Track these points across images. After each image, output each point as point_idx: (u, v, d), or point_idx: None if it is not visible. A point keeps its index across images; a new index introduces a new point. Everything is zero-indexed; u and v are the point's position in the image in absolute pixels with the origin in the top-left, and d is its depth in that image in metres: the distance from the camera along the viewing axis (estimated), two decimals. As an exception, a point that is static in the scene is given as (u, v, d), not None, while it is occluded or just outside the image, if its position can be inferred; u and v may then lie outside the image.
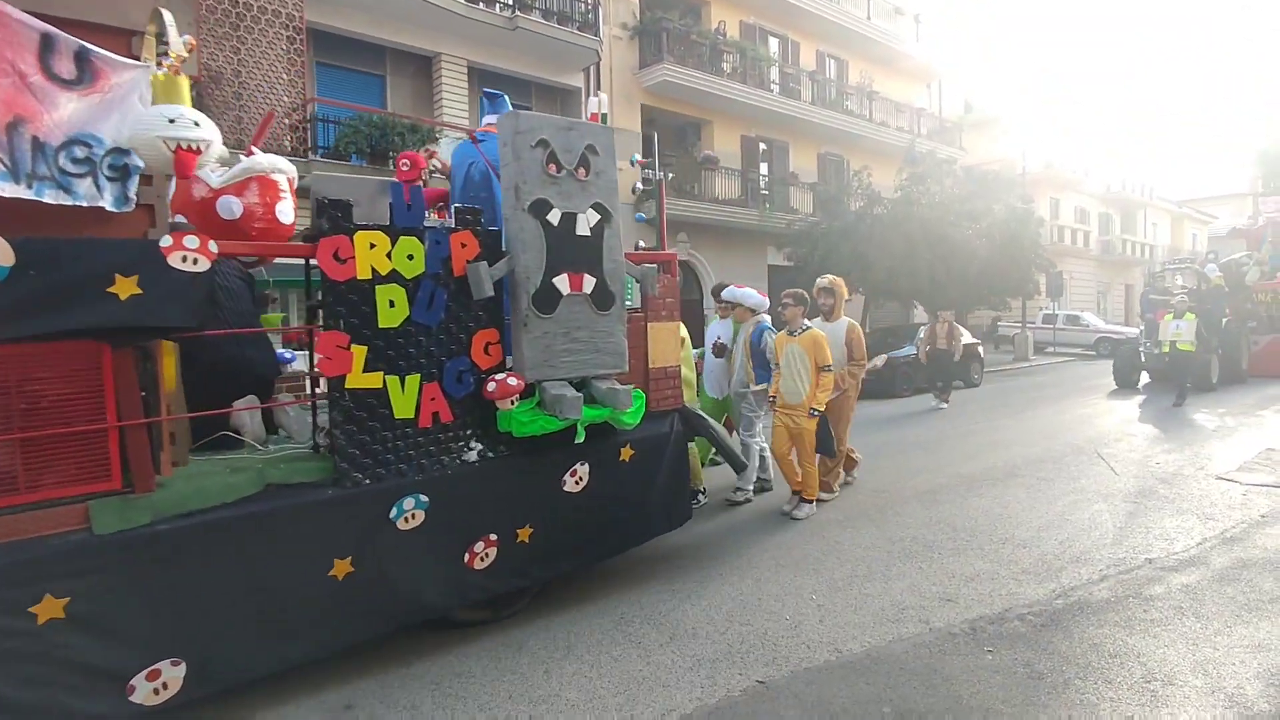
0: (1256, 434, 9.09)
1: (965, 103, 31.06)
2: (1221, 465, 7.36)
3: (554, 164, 3.74)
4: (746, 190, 19.05)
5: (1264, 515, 5.65)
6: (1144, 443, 8.72)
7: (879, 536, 5.34)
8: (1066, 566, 4.64)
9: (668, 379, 4.67)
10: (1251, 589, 4.21)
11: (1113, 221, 37.40)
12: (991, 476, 7.16)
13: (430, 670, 3.51)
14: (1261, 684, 3.16)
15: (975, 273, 17.22)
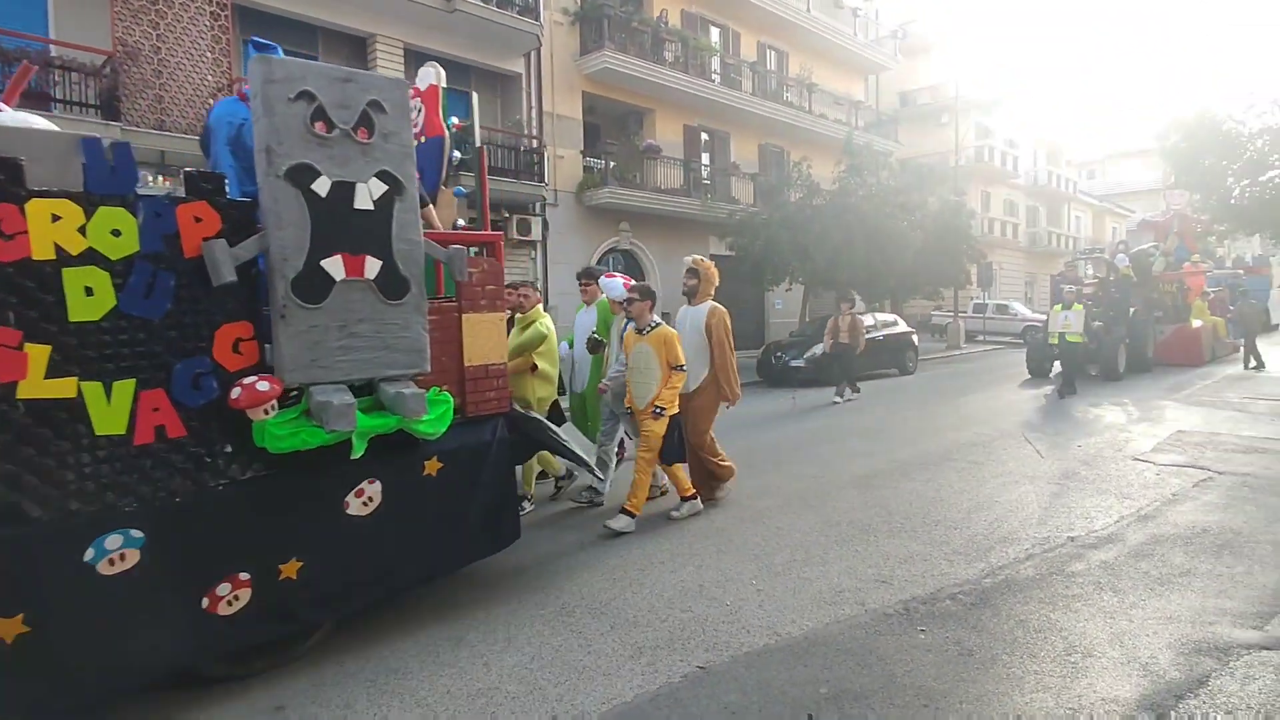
0: (1168, 418, 9.58)
1: (901, 96, 31.79)
2: (1137, 447, 7.74)
3: (322, 122, 3.11)
4: (689, 180, 19.12)
5: (1175, 494, 5.96)
6: (1067, 427, 9.10)
7: (818, 521, 5.44)
8: (995, 546, 4.81)
9: (490, 379, 4.05)
10: (1164, 563, 4.44)
11: (1039, 214, 38.90)
12: (925, 461, 7.37)
13: (365, 668, 3.42)
14: (1172, 653, 3.33)
15: (910, 263, 17.70)
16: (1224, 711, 2.86)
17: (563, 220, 16.89)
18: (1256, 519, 5.24)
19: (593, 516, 5.78)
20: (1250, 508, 5.52)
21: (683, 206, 18.55)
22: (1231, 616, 3.69)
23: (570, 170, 17.08)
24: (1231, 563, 4.42)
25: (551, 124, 16.60)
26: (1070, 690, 3.04)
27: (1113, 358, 13.76)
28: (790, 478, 6.83)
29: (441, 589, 4.31)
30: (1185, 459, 7.15)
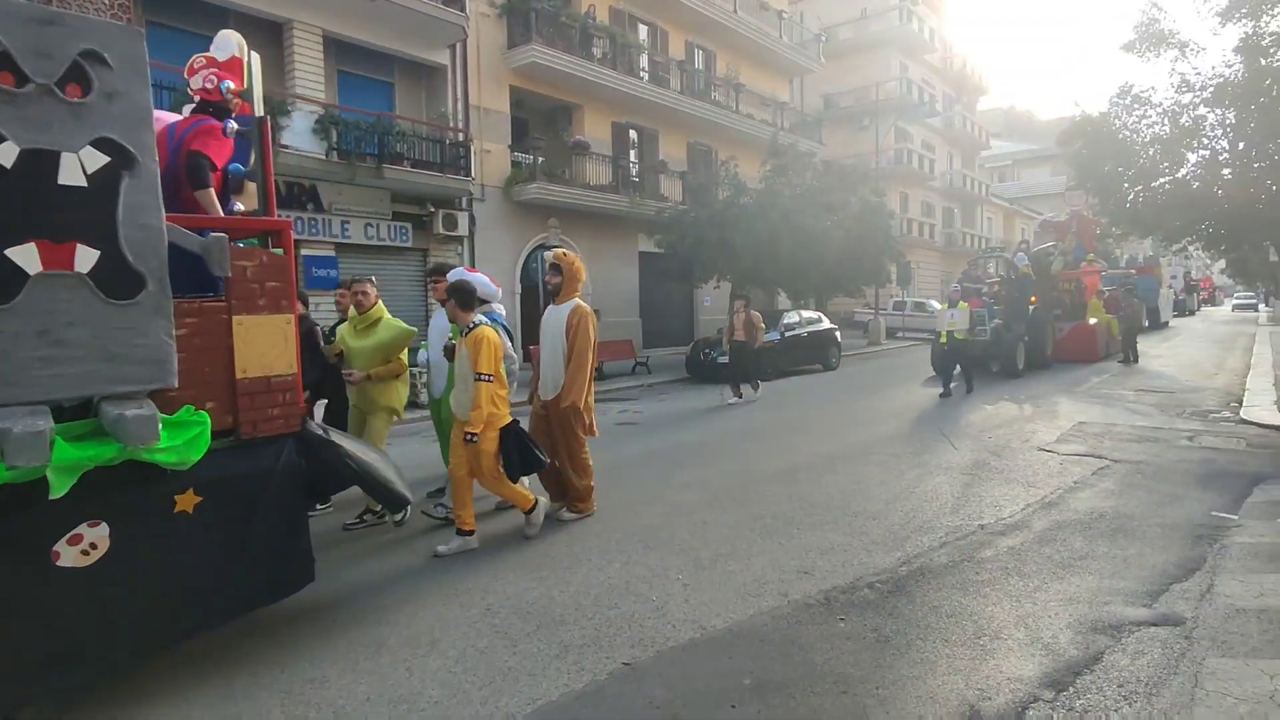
0: (1070, 410, 10.14)
1: (824, 99, 32.59)
2: (1042, 439, 8.16)
3: (8, 72, 2.53)
4: (618, 177, 19.12)
5: (1076, 482, 6.31)
6: (979, 419, 9.52)
7: (743, 515, 5.53)
8: (911, 536, 4.99)
9: (274, 393, 3.41)
10: (1065, 548, 4.69)
11: (955, 216, 40.55)
12: (846, 454, 7.58)
13: (280, 678, 3.29)
14: (1072, 633, 3.52)
15: (834, 261, 18.16)
16: (1116, 685, 3.04)
17: (490, 215, 16.64)
18: (1147, 504, 5.60)
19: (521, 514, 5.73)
20: (1142, 493, 5.90)
21: (612, 203, 18.54)
22: (1124, 596, 3.93)
23: (498, 165, 16.84)
24: (1125, 545, 4.71)
25: (478, 117, 16.33)
26: (979, 672, 3.18)
27: (1012, 355, 14.01)
28: (717, 473, 6.92)
29: (362, 593, 4.19)
30: (1085, 448, 7.58)
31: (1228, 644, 3.36)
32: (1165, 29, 13.25)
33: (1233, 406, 9.94)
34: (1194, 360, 16.50)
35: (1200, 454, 7.28)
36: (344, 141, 12.74)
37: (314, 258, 13.01)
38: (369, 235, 13.91)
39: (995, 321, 14.45)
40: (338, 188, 13.27)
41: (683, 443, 8.56)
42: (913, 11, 33.72)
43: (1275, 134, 11.81)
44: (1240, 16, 12.57)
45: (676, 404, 12.29)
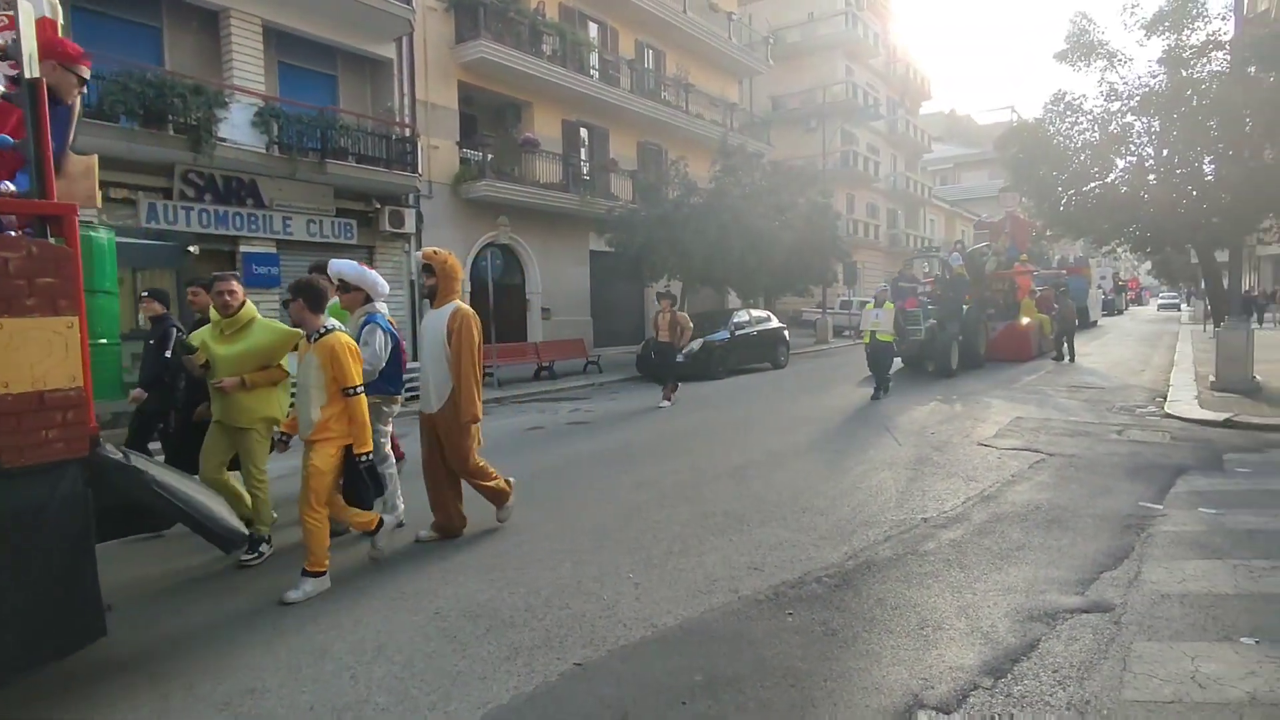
0: (1007, 406, 10.49)
1: (773, 100, 33.00)
2: (982, 434, 8.42)
3: None
4: (568, 175, 19.03)
5: (1013, 475, 6.53)
6: (922, 416, 9.77)
7: (694, 512, 5.56)
8: (857, 530, 5.09)
9: (45, 412, 2.91)
10: (1003, 539, 4.84)
11: (898, 217, 41.54)
12: (795, 451, 7.70)
13: (218, 690, 3.18)
14: (1010, 621, 3.64)
15: (782, 261, 18.42)
16: (1051, 671, 3.15)
17: (438, 213, 16.38)
18: (1080, 496, 5.83)
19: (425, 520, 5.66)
20: (1075, 486, 6.13)
21: (562, 201, 18.45)
22: (1058, 585, 4.08)
23: (446, 161, 16.60)
24: (1059, 535, 4.88)
25: (426, 113, 16.05)
26: (922, 662, 3.26)
27: (946, 354, 14.04)
28: (667, 471, 6.95)
29: (304, 600, 4.08)
30: (1022, 443, 7.85)
31: (1153, 628, 3.51)
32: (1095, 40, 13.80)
33: (1158, 402, 10.42)
34: (1122, 358, 17.23)
35: (1128, 447, 7.61)
36: (285, 135, 12.38)
37: (254, 255, 12.61)
38: (312, 232, 13.55)
39: (930, 321, 14.52)
40: (279, 183, 12.89)
41: (634, 441, 8.57)
42: (858, 16, 34.39)
43: (1195, 142, 12.41)
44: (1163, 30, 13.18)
45: (628, 403, 12.30)
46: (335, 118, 13.40)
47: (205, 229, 12.01)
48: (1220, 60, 12.72)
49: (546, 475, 6.97)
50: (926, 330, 14.32)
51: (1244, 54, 11.56)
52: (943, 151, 55.87)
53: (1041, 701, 2.92)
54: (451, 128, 16.78)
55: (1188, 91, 12.49)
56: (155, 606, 4.08)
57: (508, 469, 7.26)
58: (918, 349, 14.21)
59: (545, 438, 9.11)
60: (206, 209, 12.11)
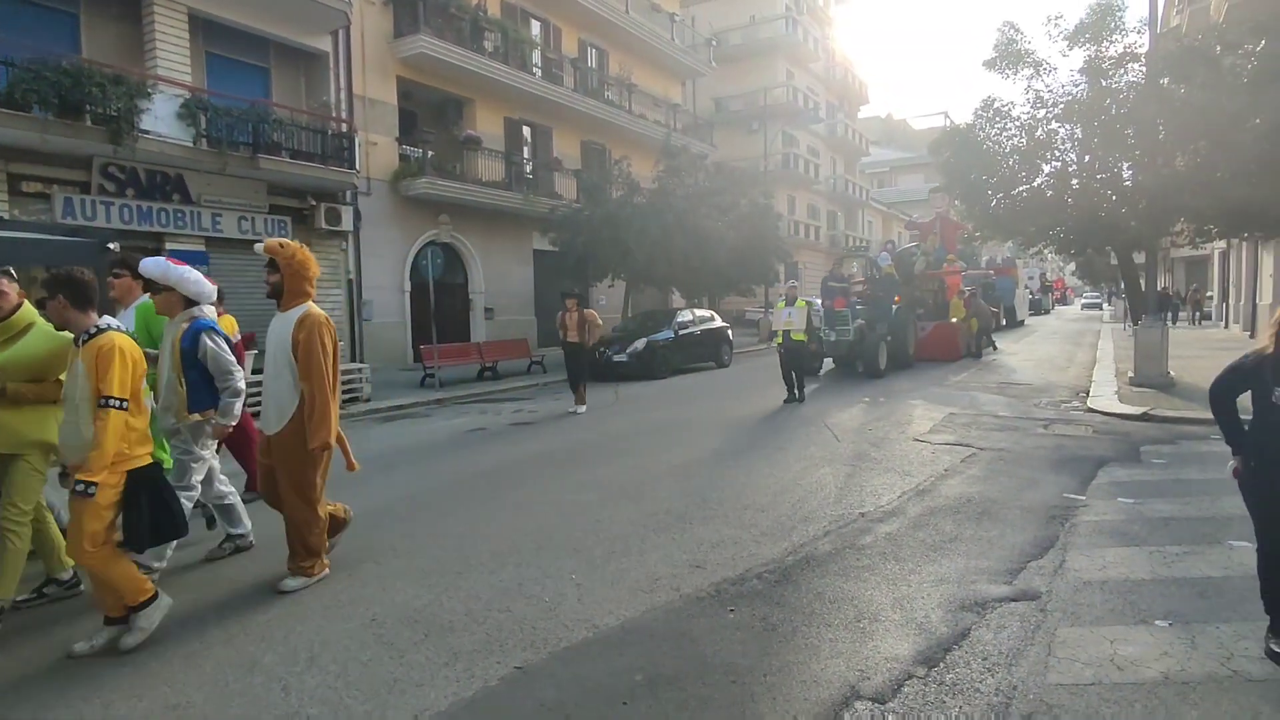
0: (942, 403, 10.80)
1: (716, 102, 33.30)
2: (917, 429, 8.64)
3: None
4: (511, 173, 18.87)
5: (947, 469, 6.72)
6: (860, 413, 9.99)
7: (637, 512, 5.55)
8: (797, 526, 5.16)
9: None
10: (937, 531, 4.98)
11: (838, 219, 42.41)
12: (737, 449, 7.77)
13: (137, 709, 3.03)
14: (943, 611, 3.74)
15: (725, 261, 18.61)
16: (981, 659, 3.25)
17: (377, 210, 16.03)
18: (1009, 488, 6.03)
19: (364, 526, 5.54)
20: (1004, 478, 6.35)
21: (504, 200, 18.27)
22: (988, 575, 4.21)
23: (385, 158, 16.25)
24: (989, 527, 5.05)
25: (363, 108, 15.69)
26: (859, 653, 3.32)
27: (875, 355, 13.91)
28: (612, 470, 6.94)
29: (233, 611, 3.93)
30: (955, 438, 8.09)
31: (1076, 614, 3.66)
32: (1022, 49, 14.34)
33: (1081, 397, 10.88)
34: (1048, 355, 17.95)
35: (1054, 440, 7.92)
36: (214, 129, 11.92)
37: (181, 253, 12.09)
38: (243, 229, 13.09)
39: (858, 321, 14.44)
40: (207, 178, 12.41)
41: (578, 442, 8.52)
42: (798, 20, 35.00)
43: (1114, 149, 13.01)
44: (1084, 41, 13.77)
45: (572, 402, 12.22)
46: (268, 111, 12.97)
47: (127, 225, 11.48)
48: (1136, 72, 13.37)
49: (488, 477, 6.88)
50: (856, 330, 14.26)
51: (1157, 66, 12.17)
52: (880, 155, 57.35)
53: (972, 689, 3.01)
54: (391, 124, 16.44)
55: (1107, 101, 13.08)
56: (73, 622, 3.87)
57: (449, 471, 7.18)
58: (847, 349, 14.25)
59: (488, 439, 8.99)
60: (129, 204, 11.58)
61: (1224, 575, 4.07)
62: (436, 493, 6.36)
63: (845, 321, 14.28)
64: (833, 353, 14.45)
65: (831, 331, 14.25)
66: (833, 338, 14.25)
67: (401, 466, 7.53)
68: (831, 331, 14.25)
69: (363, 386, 12.23)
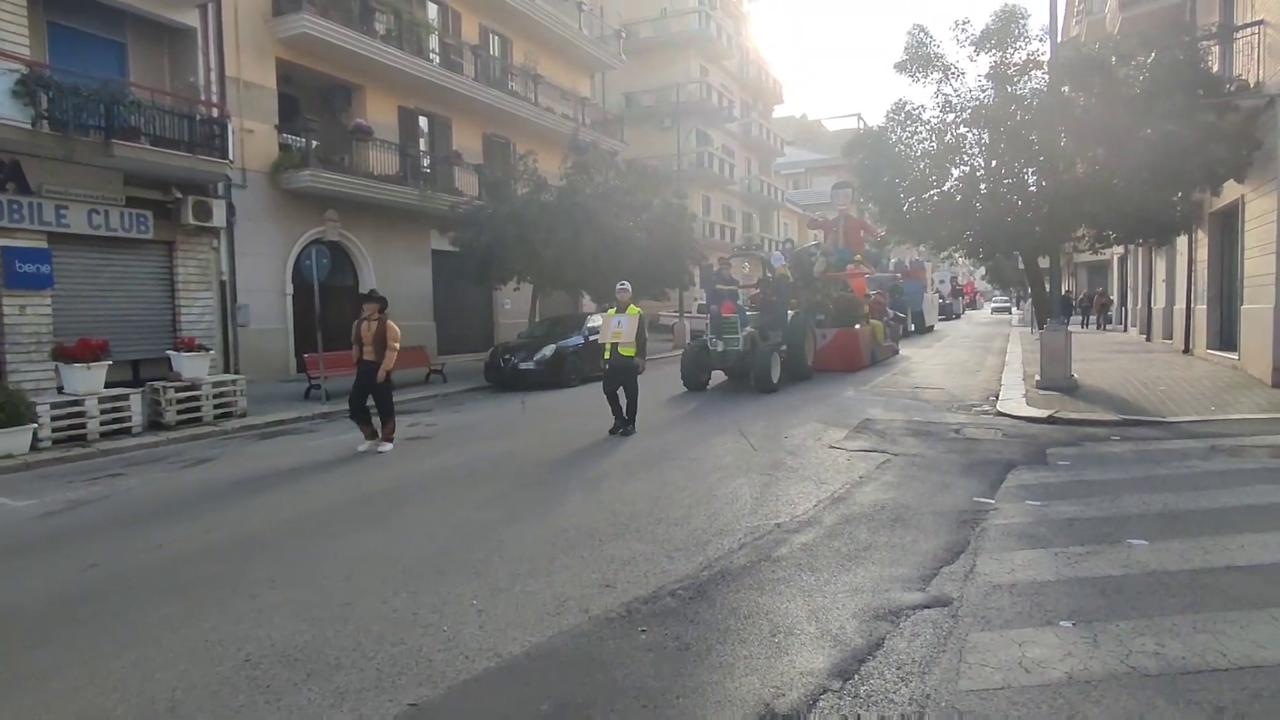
0: (858, 408, 11.21)
1: (626, 97, 33.56)
2: (833, 436, 8.93)
3: None
4: (406, 167, 18.42)
5: (862, 476, 6.97)
6: (776, 419, 10.24)
7: (544, 529, 5.51)
8: (712, 539, 5.24)
9: None
10: (852, 540, 5.15)
11: (753, 220, 43.47)
12: (649, 460, 7.82)
13: (-40, 775, 2.77)
14: (857, 622, 3.87)
15: (637, 263, 18.70)
16: (895, 668, 3.38)
17: (254, 205, 15.32)
18: (922, 493, 6.31)
19: (237, 555, 5.31)
20: (917, 484, 6.64)
21: (399, 196, 17.82)
22: (902, 582, 4.39)
23: (263, 147, 15.56)
24: (903, 534, 5.26)
25: (238, 91, 14.98)
26: (774, 669, 3.40)
27: (767, 366, 12.98)
28: (515, 487, 6.86)
29: (79, 657, 3.65)
30: (870, 444, 8.41)
31: (987, 619, 3.86)
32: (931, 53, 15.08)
33: (991, 401, 11.51)
34: (959, 360, 18.92)
35: (965, 444, 8.34)
36: (57, 109, 11.10)
37: (17, 249, 11.20)
38: (95, 224, 12.25)
39: (748, 329, 13.85)
40: (50, 165, 11.54)
41: (481, 456, 8.39)
42: (710, 15, 35.70)
43: (1018, 155, 13.86)
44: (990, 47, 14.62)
45: (474, 414, 12.04)
46: (124, 91, 12.19)
47: (-49, 218, 10.55)
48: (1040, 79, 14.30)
49: (381, 497, 6.68)
50: (746, 339, 13.64)
51: (1058, 75, 13.07)
52: (795, 156, 59.16)
53: (886, 700, 3.12)
54: (269, 109, 15.77)
55: (1012, 107, 13.92)
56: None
57: (336, 492, 6.93)
58: (736, 360, 13.61)
59: (381, 455, 8.73)
60: (-47, 194, 10.64)
61: (1123, 574, 4.38)
62: (321, 516, 6.13)
63: (734, 329, 13.59)
64: (721, 364, 13.90)
65: (719, 341, 13.65)
66: (720, 348, 13.63)
67: (281, 488, 7.22)
68: (719, 341, 13.65)
69: (237, 400, 11.65)
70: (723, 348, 13.61)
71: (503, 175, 19.23)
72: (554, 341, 15.54)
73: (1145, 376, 13.15)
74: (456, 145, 20.74)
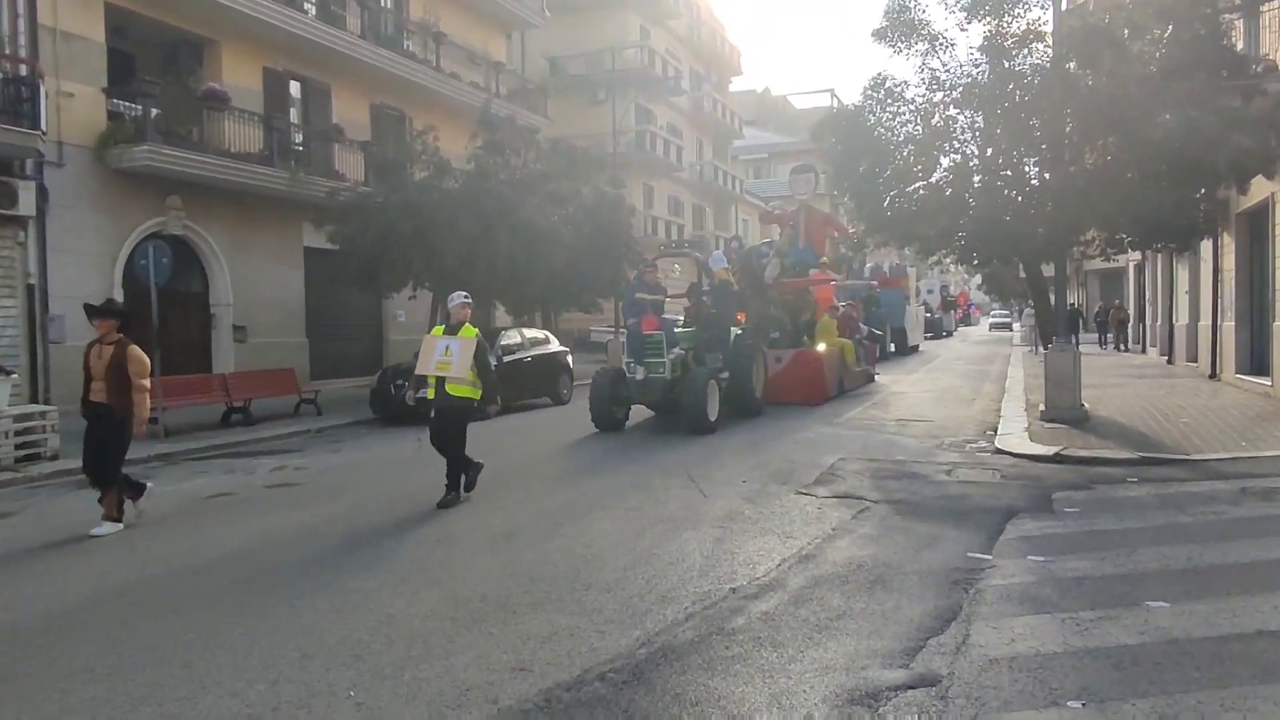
0: (831, 444, 11.41)
1: (550, 63, 33.74)
2: (801, 479, 9.08)
3: None
4: (273, 144, 18.15)
5: (835, 528, 7.09)
6: (731, 459, 10.36)
7: (443, 599, 5.43)
8: (652, 608, 5.24)
9: None
10: (822, 607, 5.22)
11: (706, 215, 44.07)
12: (576, 510, 7.82)
13: None
14: (827, 706, 3.91)
15: (563, 266, 18.76)
16: (873, 764, 3.43)
17: (74, 189, 14.88)
18: (906, 549, 6.45)
19: (47, 636, 5.12)
20: (901, 537, 6.78)
21: (264, 179, 17.57)
22: (882, 657, 4.46)
23: (87, 116, 15.14)
24: (883, 598, 5.36)
25: (54, 44, 14.57)
26: (727, 769, 3.40)
27: (700, 400, 12.11)
28: (409, 543, 6.78)
29: None
30: (845, 489, 8.57)
31: (982, 700, 3.94)
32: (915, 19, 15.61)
33: (988, 435, 11.87)
34: (951, 386, 19.48)
35: (957, 488, 8.58)
36: None
37: None
38: None
39: (677, 351, 13.04)
40: None
41: (362, 507, 8.27)
42: (654, -34, 36.36)
43: (1018, 142, 14.41)
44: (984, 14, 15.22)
45: (356, 454, 11.87)
46: (-99, 41, 11.74)
47: None
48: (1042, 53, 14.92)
49: (234, 561, 6.52)
50: (674, 364, 12.88)
51: (1063, 48, 13.65)
52: (756, 138, 60.32)
53: (861, 803, 3.15)
54: (96, 68, 15.38)
55: (1009, 85, 14.48)
56: None
57: (177, 555, 6.73)
58: (662, 392, 12.78)
59: (235, 507, 8.53)
60: None
61: (1140, 642, 4.54)
62: (158, 586, 5.95)
63: (659, 351, 12.79)
64: (642, 396, 13.13)
65: (638, 366, 12.83)
66: (640, 375, 12.79)
67: (106, 551, 7.00)
68: (638, 366, 12.83)
69: (47, 438, 11.21)
70: (644, 375, 12.82)
71: (396, 156, 19.09)
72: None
73: (1166, 406, 13.75)
74: (337, 118, 20.57)
